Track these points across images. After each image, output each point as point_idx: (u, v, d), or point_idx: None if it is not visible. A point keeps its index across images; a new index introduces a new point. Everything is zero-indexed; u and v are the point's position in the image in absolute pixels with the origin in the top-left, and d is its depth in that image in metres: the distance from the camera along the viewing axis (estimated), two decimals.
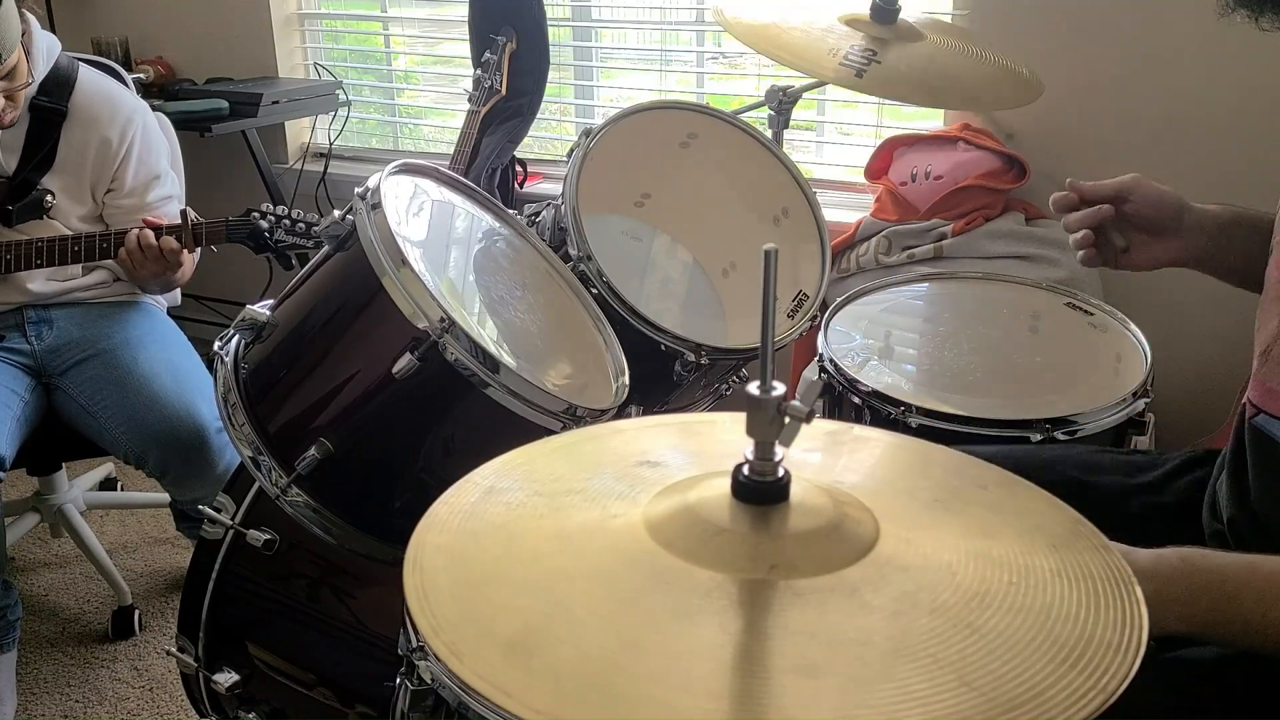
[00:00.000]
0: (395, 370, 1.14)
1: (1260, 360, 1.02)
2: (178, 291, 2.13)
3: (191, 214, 1.85)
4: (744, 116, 1.76)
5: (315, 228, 1.83)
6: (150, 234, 1.80)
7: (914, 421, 1.33)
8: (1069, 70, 2.13)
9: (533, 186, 2.74)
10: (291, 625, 1.39)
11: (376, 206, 1.18)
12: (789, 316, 1.63)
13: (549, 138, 2.98)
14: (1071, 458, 1.21)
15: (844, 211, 2.43)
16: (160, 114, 2.17)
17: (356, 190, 1.21)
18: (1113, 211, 1.21)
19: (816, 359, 1.48)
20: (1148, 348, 1.46)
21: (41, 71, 1.86)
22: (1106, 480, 1.17)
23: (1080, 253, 1.23)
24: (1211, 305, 2.11)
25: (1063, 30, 2.15)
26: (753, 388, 0.67)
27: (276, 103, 2.77)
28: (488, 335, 1.25)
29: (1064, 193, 1.22)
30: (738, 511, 0.68)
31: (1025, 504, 0.75)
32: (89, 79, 1.94)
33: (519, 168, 2.68)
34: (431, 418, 1.20)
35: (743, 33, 1.65)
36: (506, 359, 1.17)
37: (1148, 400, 1.37)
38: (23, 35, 1.77)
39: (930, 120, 2.40)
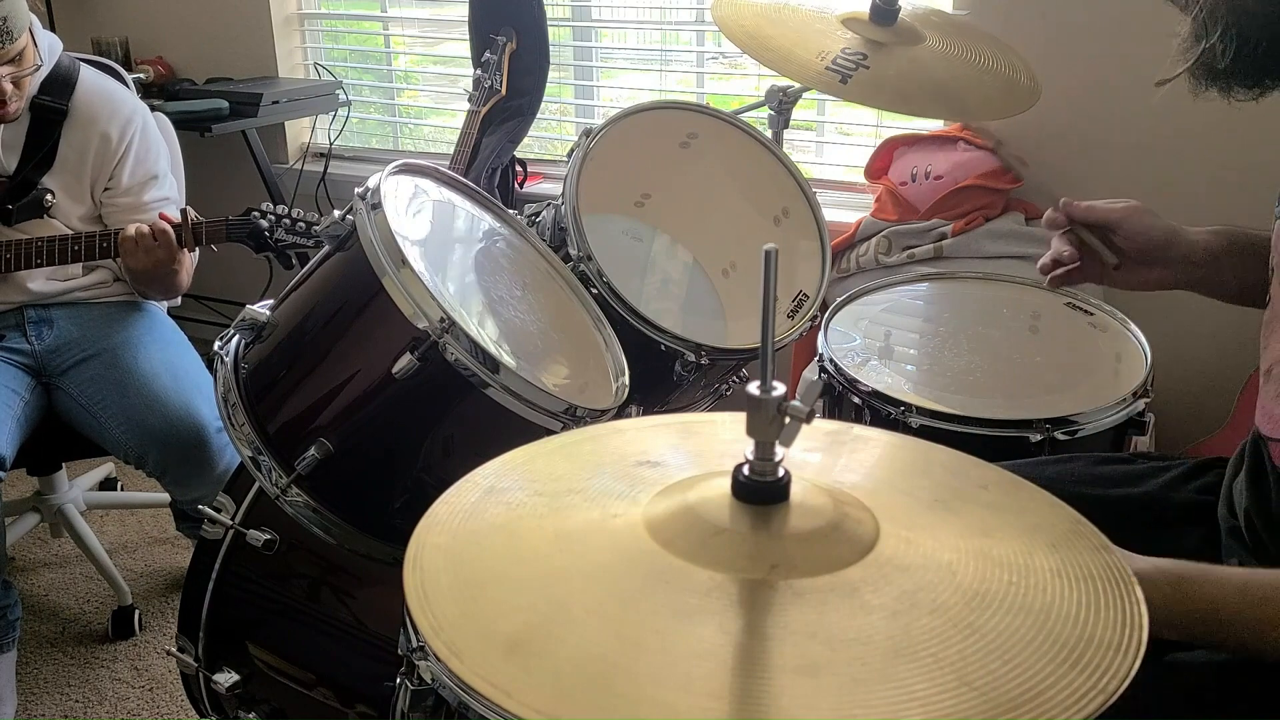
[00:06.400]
0: (395, 370, 1.14)
1: (1264, 379, 1.01)
2: None
3: (191, 213, 1.85)
4: (744, 116, 1.75)
5: (315, 227, 1.83)
6: (161, 221, 1.81)
7: (914, 421, 1.33)
8: (1069, 72, 2.13)
9: (533, 186, 2.74)
10: (291, 625, 1.39)
11: (376, 206, 1.18)
12: (789, 317, 1.63)
13: (549, 138, 2.98)
14: (1075, 473, 1.18)
15: (844, 211, 2.43)
16: (161, 115, 2.17)
17: (356, 190, 1.21)
18: (1076, 257, 1.19)
19: (816, 359, 1.48)
20: (1148, 348, 1.46)
21: (45, 69, 1.86)
22: (1115, 493, 1.14)
23: (1049, 276, 1.21)
24: (1211, 305, 2.08)
25: (1063, 32, 2.15)
26: (753, 388, 0.67)
27: (276, 103, 2.77)
28: (488, 335, 1.25)
29: (1056, 213, 1.20)
30: (738, 511, 0.68)
31: (1025, 504, 0.75)
32: (90, 79, 1.94)
33: (519, 168, 2.68)
34: (431, 418, 1.20)
35: (733, 32, 1.64)
36: (506, 359, 1.17)
37: (1148, 400, 1.37)
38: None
39: (931, 120, 2.40)
